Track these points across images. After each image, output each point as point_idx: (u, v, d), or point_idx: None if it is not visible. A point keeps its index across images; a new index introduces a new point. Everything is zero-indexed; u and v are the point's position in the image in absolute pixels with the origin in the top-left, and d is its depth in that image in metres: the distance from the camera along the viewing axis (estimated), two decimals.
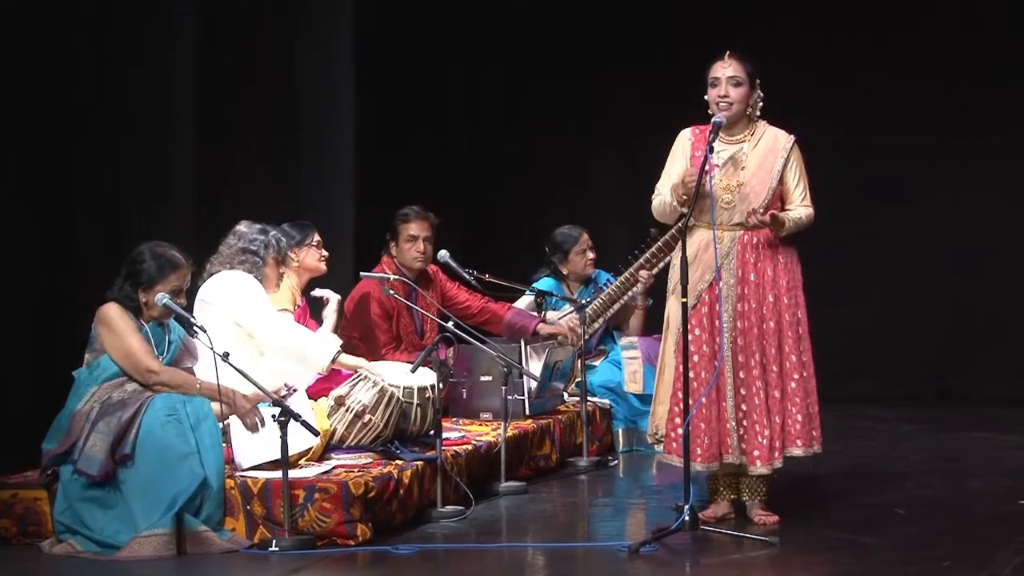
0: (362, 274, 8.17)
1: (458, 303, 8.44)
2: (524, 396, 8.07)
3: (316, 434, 6.48)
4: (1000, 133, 10.76)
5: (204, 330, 6.33)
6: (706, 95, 6.56)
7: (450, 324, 7.32)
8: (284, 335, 6.98)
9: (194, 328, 6.39)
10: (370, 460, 6.78)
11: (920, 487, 7.40)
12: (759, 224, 6.44)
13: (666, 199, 6.52)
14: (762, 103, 6.58)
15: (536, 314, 8.65)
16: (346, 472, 6.47)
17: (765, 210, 6.45)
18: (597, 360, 8.92)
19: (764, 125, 6.61)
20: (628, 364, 8.83)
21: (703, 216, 6.49)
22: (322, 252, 7.97)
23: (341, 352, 7.06)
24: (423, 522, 6.67)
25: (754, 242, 6.51)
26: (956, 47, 10.76)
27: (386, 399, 6.92)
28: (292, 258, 7.55)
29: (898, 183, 10.85)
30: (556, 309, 8.87)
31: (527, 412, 8.08)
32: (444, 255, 8.38)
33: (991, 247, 10.85)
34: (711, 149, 6.34)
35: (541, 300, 8.72)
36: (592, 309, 8.84)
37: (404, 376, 7.02)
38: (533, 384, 8.11)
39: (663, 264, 8.77)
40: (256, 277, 7.06)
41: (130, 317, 6.37)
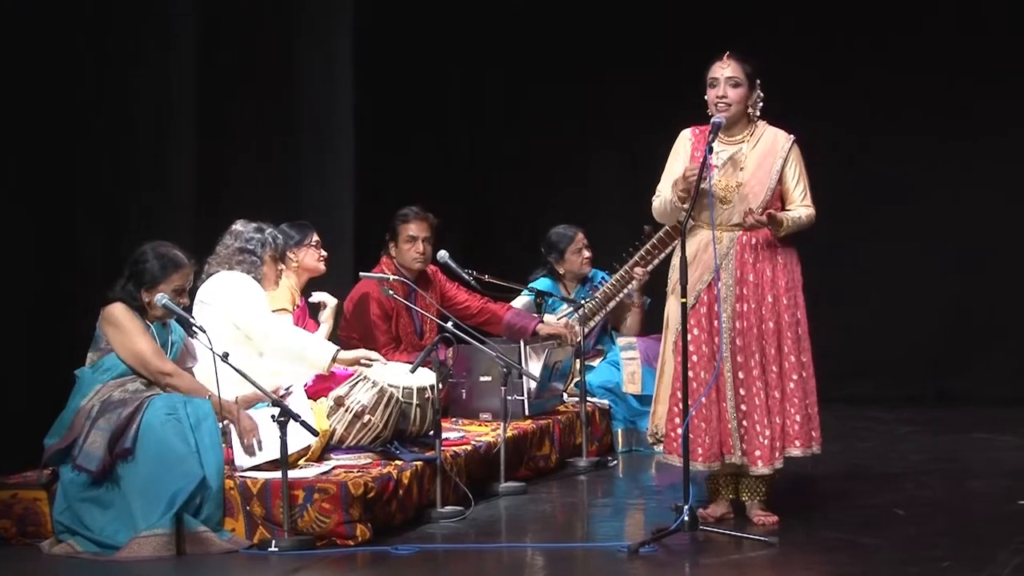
0: (361, 274, 8.17)
1: (457, 303, 8.43)
2: (523, 396, 8.06)
3: (315, 434, 6.48)
4: (1000, 133, 10.75)
5: (204, 330, 6.34)
6: (706, 95, 6.56)
7: (449, 324, 7.32)
8: (283, 337, 6.99)
9: (193, 328, 6.39)
10: (369, 460, 6.78)
11: (920, 488, 7.40)
12: (756, 224, 6.44)
13: (666, 198, 6.52)
14: (762, 103, 6.57)
15: (536, 314, 8.65)
16: (345, 472, 6.47)
17: (763, 210, 6.45)
18: (595, 360, 8.91)
19: (764, 125, 6.60)
20: (627, 365, 8.82)
21: (702, 216, 6.49)
22: (321, 252, 7.98)
23: (340, 351, 7.07)
24: (422, 522, 6.67)
25: (753, 242, 6.51)
26: (956, 47, 10.75)
27: (385, 399, 6.91)
28: (291, 258, 7.56)
29: (898, 183, 10.84)
30: (553, 311, 8.86)
31: (526, 412, 8.07)
32: (443, 255, 8.37)
33: (991, 247, 10.84)
34: (710, 149, 6.33)
35: (541, 300, 8.72)
36: (588, 307, 8.84)
37: (403, 376, 7.02)
38: (532, 384, 8.11)
39: (658, 261, 8.77)
40: (254, 276, 7.06)
41: (137, 317, 6.38)
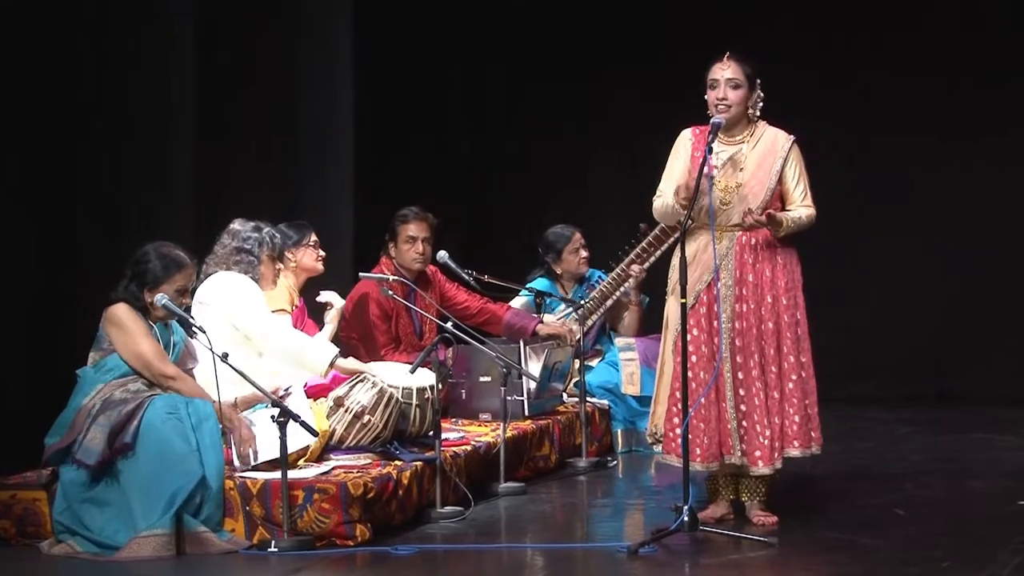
0: (361, 275, 8.16)
1: (457, 304, 8.43)
2: (523, 397, 8.06)
3: (315, 435, 6.48)
4: (1000, 133, 10.75)
5: (203, 331, 6.34)
6: (706, 96, 6.56)
7: (449, 325, 7.32)
8: (281, 341, 6.97)
9: (193, 329, 6.39)
10: (369, 461, 6.78)
11: (919, 488, 7.40)
12: (755, 223, 6.44)
13: (668, 201, 6.52)
14: (762, 103, 6.56)
15: (535, 315, 8.65)
16: (345, 473, 6.46)
17: (762, 211, 6.45)
18: (593, 360, 8.89)
19: (764, 126, 6.60)
20: (625, 366, 8.81)
21: (702, 216, 6.48)
22: (319, 252, 7.95)
23: (339, 356, 7.06)
24: (422, 523, 6.67)
25: (752, 243, 6.50)
26: (956, 47, 10.74)
27: (385, 400, 6.91)
28: (289, 258, 7.54)
29: (898, 183, 10.84)
30: (552, 311, 8.85)
31: (526, 413, 8.07)
32: (443, 256, 8.37)
33: (991, 247, 10.83)
34: (710, 150, 6.33)
35: (541, 301, 8.71)
36: (586, 307, 8.82)
37: (403, 377, 7.01)
38: (532, 385, 8.11)
39: (654, 259, 8.76)
40: (252, 276, 7.04)
41: (140, 318, 6.37)
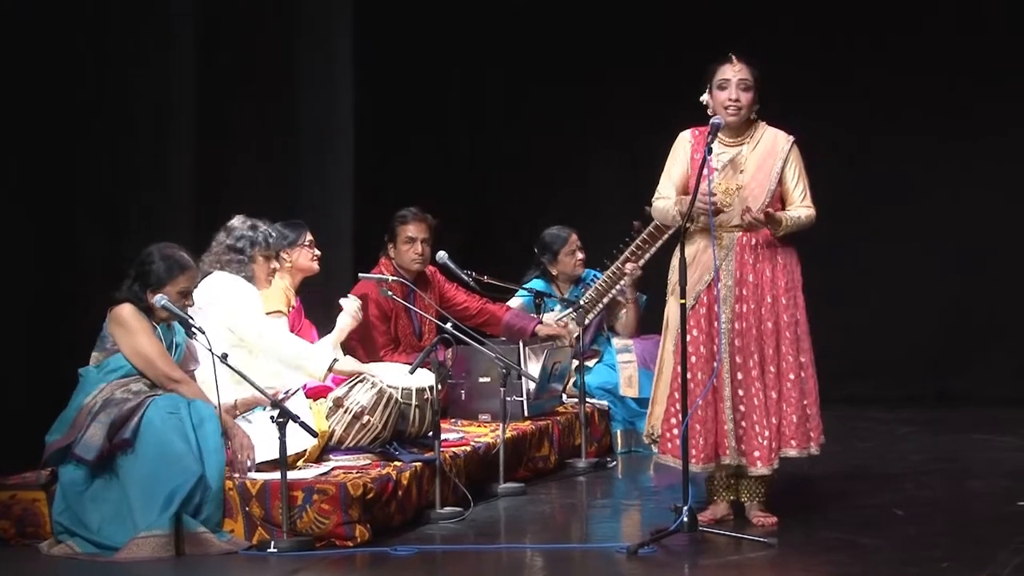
0: (360, 275, 8.16)
1: (456, 304, 8.42)
2: (523, 397, 8.06)
3: (314, 435, 6.48)
4: (1000, 133, 10.75)
5: (203, 331, 6.34)
6: (704, 96, 6.55)
7: (448, 325, 7.32)
8: (278, 347, 6.96)
9: (193, 329, 6.39)
10: (369, 461, 6.78)
11: (919, 488, 7.40)
12: (753, 221, 6.43)
13: (669, 206, 6.52)
14: (758, 105, 6.56)
15: (535, 315, 8.64)
16: (344, 473, 6.47)
17: (761, 210, 6.44)
18: (591, 361, 8.88)
19: (763, 127, 6.59)
20: (623, 368, 8.80)
21: (702, 218, 6.47)
22: (315, 252, 7.89)
23: (337, 361, 7.06)
24: (422, 523, 6.67)
25: (753, 243, 6.50)
26: (956, 47, 10.74)
27: (384, 400, 6.91)
28: (284, 258, 7.51)
29: (898, 183, 10.84)
30: (551, 310, 8.85)
31: (526, 413, 8.07)
32: (442, 256, 8.36)
33: (991, 247, 10.83)
34: (709, 151, 6.32)
35: (540, 301, 8.71)
36: (582, 306, 8.81)
37: (402, 377, 7.02)
38: (532, 385, 8.11)
39: (649, 256, 8.75)
40: (244, 276, 7.02)
41: (145, 319, 6.38)
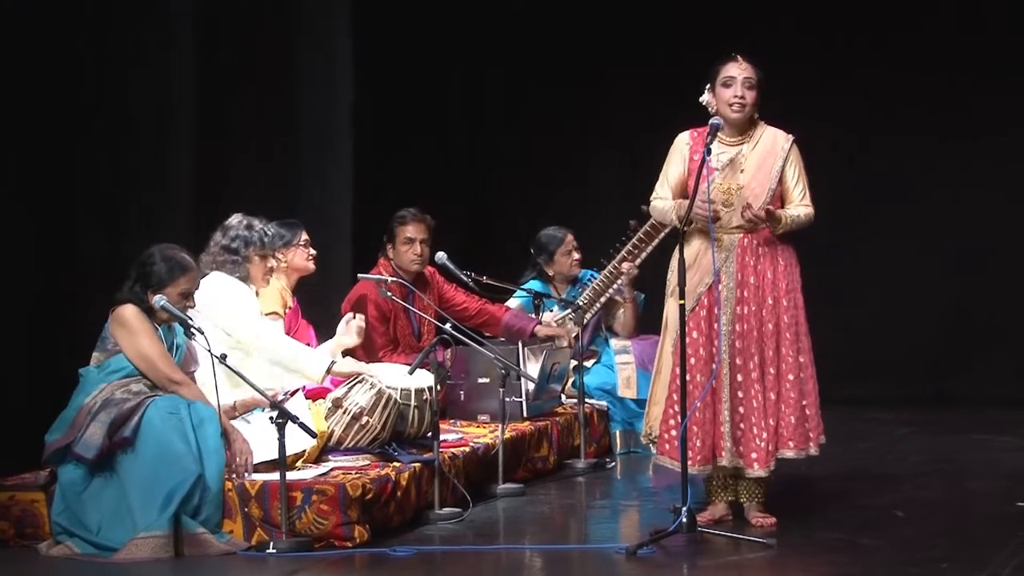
0: (359, 276, 8.14)
1: (455, 305, 8.42)
2: (522, 398, 8.06)
3: (313, 436, 6.48)
4: (1000, 133, 10.74)
5: (202, 332, 6.34)
6: (704, 96, 6.55)
7: (447, 326, 7.32)
8: (275, 349, 6.96)
9: (192, 330, 6.39)
10: (368, 462, 6.78)
11: (919, 488, 7.40)
12: (753, 219, 6.42)
13: (668, 207, 6.52)
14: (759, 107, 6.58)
15: (534, 316, 8.64)
16: (344, 474, 6.47)
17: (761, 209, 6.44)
18: (589, 361, 8.86)
19: (763, 126, 6.59)
20: (622, 370, 8.79)
21: (702, 220, 6.47)
22: (310, 251, 7.84)
23: (334, 364, 7.06)
24: (421, 524, 6.67)
25: (753, 244, 6.50)
26: (956, 47, 10.73)
27: (383, 401, 6.91)
28: (280, 259, 7.50)
29: (898, 183, 10.83)
30: (550, 310, 8.85)
31: (525, 414, 8.06)
32: (441, 257, 8.35)
33: (991, 247, 10.82)
34: (708, 151, 6.32)
35: (539, 302, 8.70)
36: (580, 307, 8.80)
37: (401, 378, 7.01)
38: (531, 386, 8.10)
39: (645, 254, 8.75)
40: (239, 276, 7.02)
41: (147, 320, 6.38)
